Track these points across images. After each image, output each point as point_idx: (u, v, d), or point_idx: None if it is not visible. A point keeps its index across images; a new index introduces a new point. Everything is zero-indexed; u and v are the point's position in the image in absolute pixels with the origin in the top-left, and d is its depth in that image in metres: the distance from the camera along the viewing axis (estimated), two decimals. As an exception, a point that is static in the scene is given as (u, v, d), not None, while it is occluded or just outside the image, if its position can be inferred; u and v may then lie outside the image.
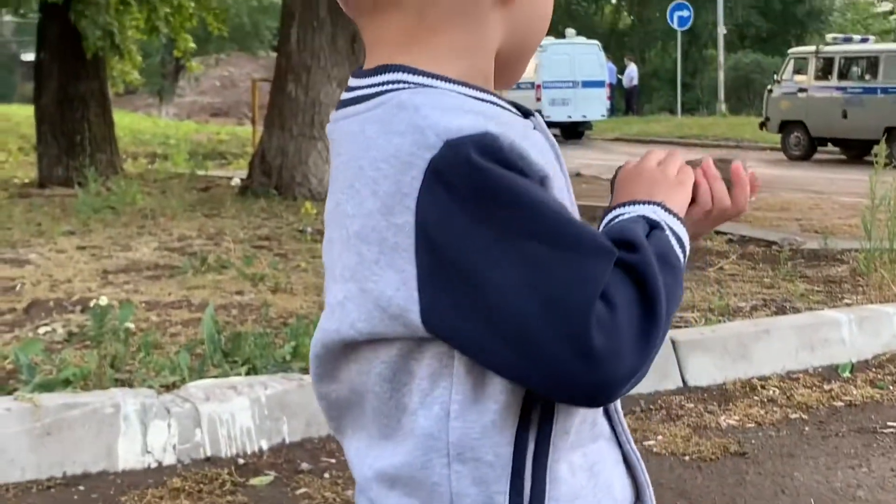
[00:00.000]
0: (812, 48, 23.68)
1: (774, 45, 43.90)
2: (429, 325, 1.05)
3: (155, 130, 24.44)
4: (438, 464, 1.10)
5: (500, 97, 1.18)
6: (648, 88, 43.83)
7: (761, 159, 22.09)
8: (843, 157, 21.95)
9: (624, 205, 1.20)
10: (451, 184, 1.03)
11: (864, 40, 24.16)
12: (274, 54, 19.73)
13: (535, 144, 1.12)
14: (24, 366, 4.28)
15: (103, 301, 5.35)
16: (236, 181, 12.98)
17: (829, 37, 26.15)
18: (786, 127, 22.46)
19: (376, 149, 1.07)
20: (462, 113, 1.07)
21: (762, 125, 23.51)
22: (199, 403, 3.96)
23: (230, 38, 32.11)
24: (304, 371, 4.35)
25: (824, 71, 21.93)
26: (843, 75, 21.59)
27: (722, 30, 37.15)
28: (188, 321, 5.58)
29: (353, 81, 1.17)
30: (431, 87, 1.12)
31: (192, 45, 17.30)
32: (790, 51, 25.26)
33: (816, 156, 22.06)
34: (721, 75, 37.28)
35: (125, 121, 22.05)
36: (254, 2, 38.63)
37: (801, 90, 22.15)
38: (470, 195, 1.03)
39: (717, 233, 8.91)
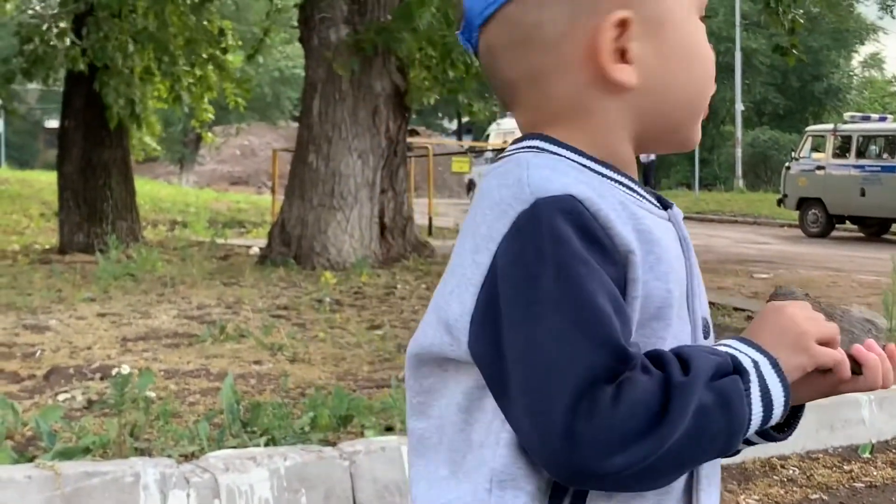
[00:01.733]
0: (830, 126, 23.79)
1: (792, 122, 44.20)
2: (472, 352, 1.12)
3: (175, 198, 24.62)
4: (486, 490, 1.14)
5: (636, 182, 1.22)
6: (666, 163, 44.03)
7: (779, 236, 22.10)
8: (861, 234, 21.93)
9: (742, 340, 1.18)
10: (525, 239, 1.09)
11: (882, 119, 24.17)
12: (294, 124, 19.93)
13: (645, 227, 1.15)
14: (44, 433, 4.28)
15: (125, 370, 5.37)
16: (255, 250, 13.06)
17: (846, 115, 26.21)
18: (803, 204, 22.49)
19: (489, 198, 1.15)
20: (564, 176, 1.13)
21: (780, 202, 23.57)
22: (218, 474, 3.95)
23: (251, 108, 32.43)
24: (324, 442, 4.36)
25: (842, 149, 22.01)
26: (861, 153, 21.65)
27: (739, 106, 37.42)
28: (207, 390, 5.58)
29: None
30: (557, 154, 1.18)
31: (211, 116, 17.49)
32: (808, 128, 25.37)
33: (834, 233, 22.07)
34: (738, 151, 37.48)
35: (146, 188, 22.21)
36: (275, 73, 39.03)
37: (819, 168, 22.21)
38: (533, 254, 1.08)
39: (736, 309, 8.92)
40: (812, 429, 5.09)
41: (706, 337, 1.24)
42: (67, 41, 12.95)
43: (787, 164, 23.98)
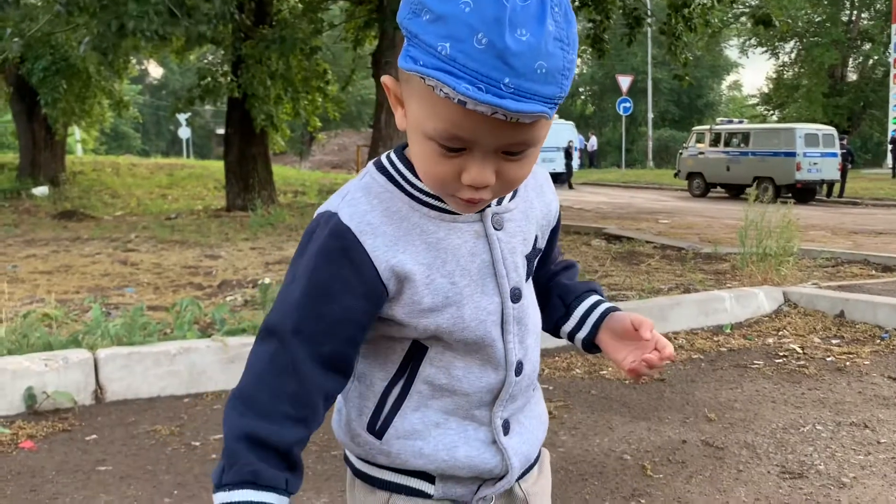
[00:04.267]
0: (708, 126, 23.48)
1: (683, 124, 43.68)
2: None
3: (297, 177, 24.56)
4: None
5: (428, 195, 0.97)
6: (604, 152, 43.65)
7: (674, 196, 21.89)
8: (726, 195, 21.72)
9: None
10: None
11: (740, 122, 23.92)
12: (370, 130, 19.80)
13: (433, 239, 0.96)
14: (217, 320, 4.33)
15: (266, 281, 5.40)
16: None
17: (718, 119, 25.91)
18: (690, 176, 22.29)
19: None
20: (338, 198, 0.97)
21: (676, 175, 23.37)
22: (324, 344, 3.98)
23: (343, 120, 32.20)
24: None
25: (715, 140, 21.73)
26: (727, 143, 21.37)
27: (650, 115, 36.93)
28: (317, 294, 5.60)
29: None
30: (388, 170, 0.99)
31: (319, 124, 17.39)
32: (694, 128, 25.05)
33: (710, 195, 21.84)
34: (650, 143, 37.07)
35: (279, 171, 22.14)
36: (359, 97, 38.84)
37: (701, 153, 21.97)
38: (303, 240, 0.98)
39: (648, 242, 8.85)
40: (694, 315, 5.07)
41: (516, 301, 1.02)
42: (228, 78, 12.89)
43: (680, 151, 23.73)
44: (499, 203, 1.02)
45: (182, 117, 35.22)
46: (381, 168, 1.01)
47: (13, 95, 18.44)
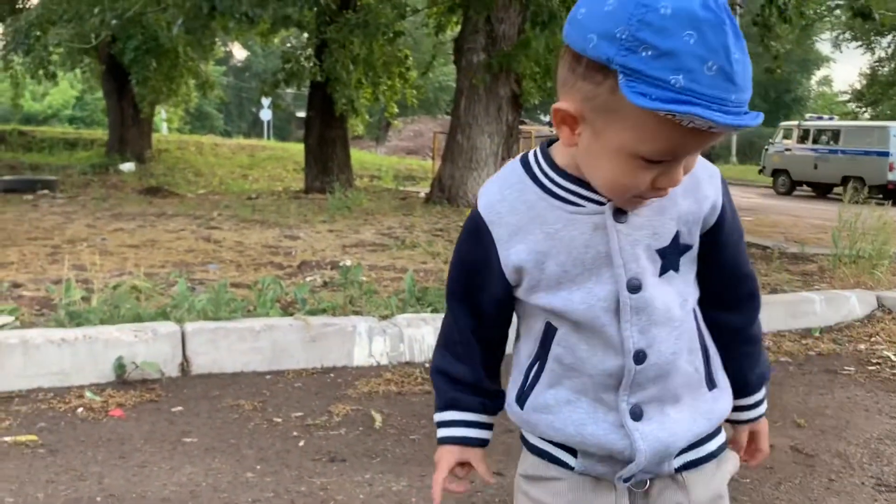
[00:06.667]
0: (796, 122, 22.78)
1: (770, 119, 42.26)
2: None
3: (373, 161, 24.79)
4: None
5: (582, 187, 1.06)
6: (684, 145, 42.73)
7: (759, 194, 21.27)
8: (813, 194, 21.02)
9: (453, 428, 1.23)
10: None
11: (830, 118, 23.12)
12: (448, 117, 19.79)
13: (551, 230, 1.07)
14: (299, 299, 4.38)
15: (346, 263, 5.44)
16: (422, 194, 13.08)
17: (807, 115, 25.11)
18: (776, 173, 21.73)
19: None
20: (488, 194, 1.14)
21: (760, 171, 22.83)
22: (403, 328, 4.00)
23: (420, 106, 32.29)
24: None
25: (803, 137, 21.10)
26: (815, 140, 20.73)
27: (735, 109, 35.92)
28: (394, 278, 5.63)
29: None
30: (527, 163, 1.12)
31: (397, 110, 17.45)
32: (781, 124, 24.35)
33: (796, 193, 21.20)
34: (734, 138, 36.08)
35: (356, 155, 22.33)
36: (437, 83, 38.88)
37: (787, 149, 21.36)
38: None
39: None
40: (781, 317, 4.91)
41: (634, 292, 1.06)
42: (311, 62, 13.05)
43: (766, 147, 23.11)
44: None
45: (266, 100, 35.82)
46: (523, 161, 1.14)
47: (104, 74, 19.09)
